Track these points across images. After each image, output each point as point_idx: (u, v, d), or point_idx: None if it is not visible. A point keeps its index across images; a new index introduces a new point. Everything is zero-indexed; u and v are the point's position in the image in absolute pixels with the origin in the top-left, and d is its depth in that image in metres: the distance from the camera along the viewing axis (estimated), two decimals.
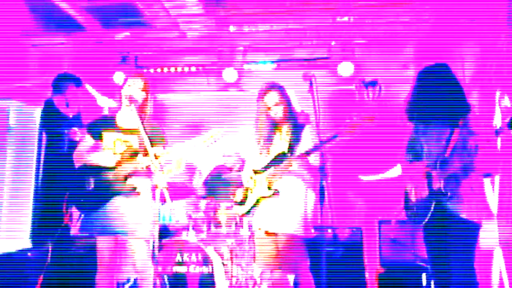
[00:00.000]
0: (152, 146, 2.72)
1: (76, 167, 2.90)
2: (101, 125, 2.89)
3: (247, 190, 2.93)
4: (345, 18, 4.18)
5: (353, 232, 4.05)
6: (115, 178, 2.76)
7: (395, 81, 4.38)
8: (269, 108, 2.84)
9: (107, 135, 2.84)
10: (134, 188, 2.77)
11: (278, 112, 2.83)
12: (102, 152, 2.83)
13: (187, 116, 5.01)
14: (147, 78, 2.98)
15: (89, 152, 2.86)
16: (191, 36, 4.66)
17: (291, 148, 2.77)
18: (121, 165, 2.76)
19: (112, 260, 2.80)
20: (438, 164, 2.52)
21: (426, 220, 2.57)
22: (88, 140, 2.89)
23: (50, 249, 4.09)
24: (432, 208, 2.54)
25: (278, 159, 2.77)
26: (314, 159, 2.66)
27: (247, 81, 5.18)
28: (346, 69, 4.83)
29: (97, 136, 2.88)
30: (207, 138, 2.80)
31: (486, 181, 3.55)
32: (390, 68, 4.52)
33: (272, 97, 2.83)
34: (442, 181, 2.49)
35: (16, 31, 4.52)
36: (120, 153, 2.80)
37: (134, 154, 2.78)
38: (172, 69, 5.27)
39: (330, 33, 4.61)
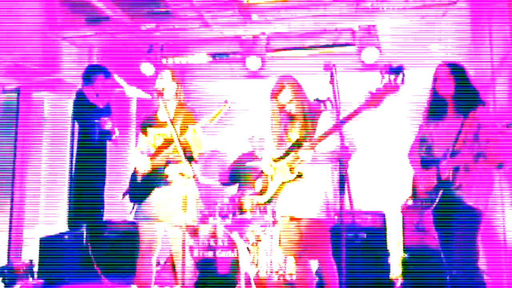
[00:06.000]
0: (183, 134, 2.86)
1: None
2: (149, 123, 3.08)
3: (267, 178, 2.92)
4: (368, 4, 4.12)
5: (375, 218, 4.08)
6: (154, 169, 2.93)
7: (419, 67, 4.32)
8: (283, 105, 2.83)
9: (150, 131, 3.02)
10: (167, 177, 2.91)
11: (292, 108, 2.82)
12: (137, 156, 3.03)
13: (213, 104, 5.08)
14: (174, 68, 3.09)
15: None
16: (214, 23, 4.69)
17: (309, 136, 2.71)
18: (158, 157, 2.92)
19: (153, 245, 2.96)
20: (448, 156, 2.59)
21: (433, 206, 2.65)
22: (142, 139, 3.09)
23: (85, 232, 4.34)
24: (439, 196, 2.60)
25: (297, 145, 2.74)
26: (334, 142, 2.57)
27: (270, 69, 5.21)
28: (370, 55, 4.78)
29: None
30: (215, 115, 2.89)
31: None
32: (414, 54, 4.44)
33: (285, 95, 2.81)
34: (451, 171, 2.56)
35: (46, 25, 4.68)
36: (158, 146, 2.96)
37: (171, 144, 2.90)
38: (197, 59, 5.35)
39: (353, 19, 4.56)
